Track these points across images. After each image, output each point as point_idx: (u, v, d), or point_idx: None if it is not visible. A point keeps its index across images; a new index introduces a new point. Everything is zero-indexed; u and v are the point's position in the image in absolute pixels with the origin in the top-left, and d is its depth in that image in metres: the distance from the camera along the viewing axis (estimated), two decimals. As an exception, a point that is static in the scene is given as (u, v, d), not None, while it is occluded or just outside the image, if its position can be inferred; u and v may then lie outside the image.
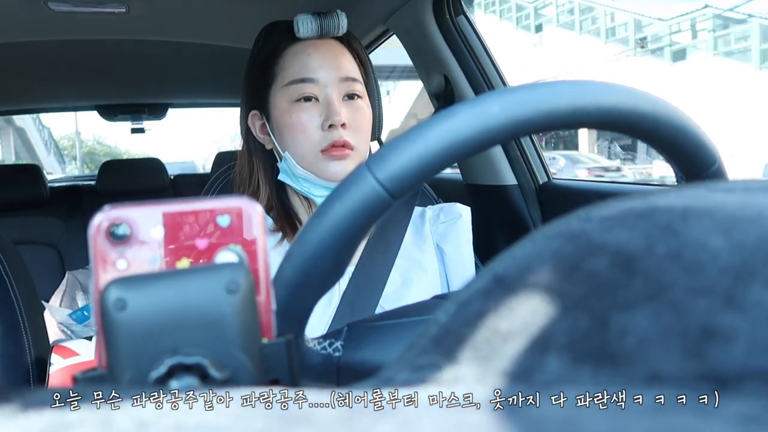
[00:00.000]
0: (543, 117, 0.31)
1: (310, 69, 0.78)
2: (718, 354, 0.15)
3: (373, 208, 0.31)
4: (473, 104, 0.32)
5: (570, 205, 0.25)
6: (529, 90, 0.32)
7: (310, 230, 0.32)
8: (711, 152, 0.36)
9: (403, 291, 0.80)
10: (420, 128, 0.32)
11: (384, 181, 0.31)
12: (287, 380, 0.24)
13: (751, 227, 0.18)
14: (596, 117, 0.32)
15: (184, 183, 2.62)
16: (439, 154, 0.31)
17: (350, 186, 0.32)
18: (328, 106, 0.77)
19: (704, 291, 0.17)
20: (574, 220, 0.22)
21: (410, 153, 0.31)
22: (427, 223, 0.86)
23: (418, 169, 0.31)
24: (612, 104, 0.32)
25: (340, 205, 0.31)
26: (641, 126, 0.34)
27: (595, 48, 14.44)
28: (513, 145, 1.29)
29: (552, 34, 15.59)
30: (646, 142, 0.36)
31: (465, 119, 0.31)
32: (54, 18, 1.37)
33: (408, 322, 0.41)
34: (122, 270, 0.24)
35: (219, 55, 1.78)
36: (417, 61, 1.38)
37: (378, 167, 0.31)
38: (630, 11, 13.80)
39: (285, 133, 0.79)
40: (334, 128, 0.76)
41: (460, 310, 0.21)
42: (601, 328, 0.17)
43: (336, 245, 0.31)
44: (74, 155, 27.06)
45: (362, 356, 0.39)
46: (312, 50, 0.79)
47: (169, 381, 0.21)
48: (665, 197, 0.22)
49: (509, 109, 0.31)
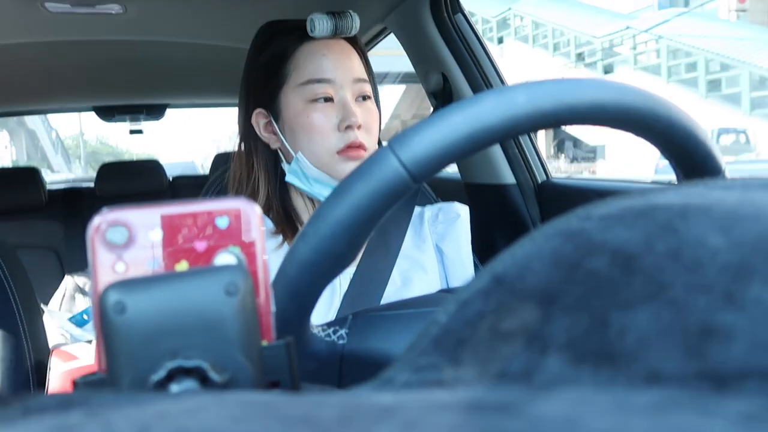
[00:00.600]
0: (566, 110, 0.31)
1: (326, 70, 0.77)
2: (718, 352, 0.15)
3: (394, 189, 0.31)
4: (499, 93, 0.32)
5: (569, 204, 0.25)
6: (555, 84, 0.32)
7: (328, 209, 0.31)
8: (718, 162, 0.37)
9: (403, 291, 0.80)
10: (445, 113, 0.31)
11: (407, 162, 0.31)
12: (287, 382, 0.24)
13: (750, 225, 0.18)
14: (616, 115, 0.33)
15: (182, 185, 2.62)
16: (463, 139, 0.31)
17: (372, 166, 0.31)
18: (344, 107, 0.77)
19: (704, 289, 0.17)
20: (574, 219, 0.22)
21: (435, 136, 0.31)
22: (425, 223, 0.86)
23: (441, 152, 0.31)
24: (632, 105, 0.33)
25: (362, 185, 0.31)
26: (656, 129, 0.34)
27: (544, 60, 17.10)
28: (511, 143, 1.29)
29: (511, 46, 18.31)
30: (658, 145, 0.36)
31: (491, 106, 0.31)
32: (50, 19, 1.36)
33: (412, 313, 0.41)
34: (121, 273, 0.24)
35: (216, 55, 1.78)
36: (415, 59, 1.38)
37: (401, 149, 0.31)
38: (572, 29, 16.48)
39: (300, 133, 0.78)
40: (351, 129, 0.76)
41: (460, 311, 0.21)
42: (600, 327, 0.17)
43: (354, 225, 0.31)
44: (78, 155, 27.61)
45: (366, 345, 0.39)
46: (327, 51, 0.79)
47: (169, 384, 0.21)
48: (664, 195, 0.22)
49: (534, 100, 0.31)
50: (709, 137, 0.36)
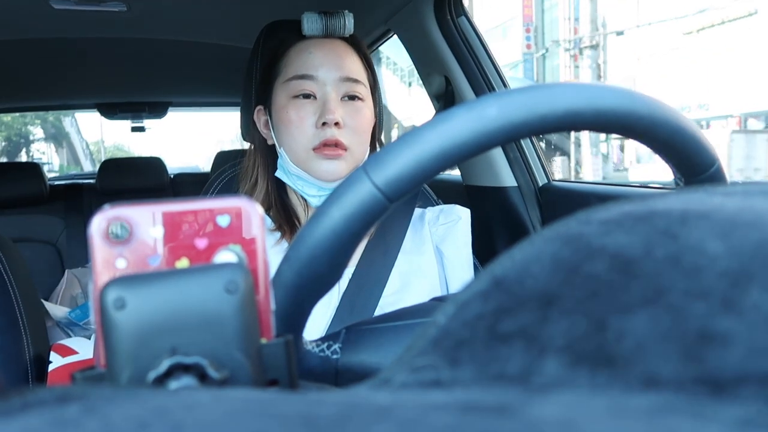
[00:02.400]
0: (539, 119, 0.31)
1: (311, 66, 0.78)
2: (716, 358, 0.15)
3: (370, 211, 0.31)
4: (470, 107, 0.32)
5: (569, 207, 0.25)
6: (526, 92, 0.32)
7: (308, 233, 0.32)
8: (709, 153, 0.36)
9: (402, 293, 0.79)
10: (417, 132, 0.32)
11: (381, 184, 0.31)
12: (286, 381, 0.24)
13: (749, 231, 0.18)
14: (592, 119, 0.32)
15: (184, 182, 2.62)
16: (436, 157, 0.31)
17: (347, 189, 0.32)
18: (324, 104, 0.77)
19: (702, 295, 0.17)
20: (573, 223, 0.22)
21: (407, 156, 0.31)
22: (426, 224, 0.86)
23: (414, 172, 0.31)
24: (608, 106, 0.32)
25: (338, 209, 0.31)
26: (638, 128, 0.34)
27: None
28: (513, 146, 1.29)
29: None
30: (644, 143, 0.36)
31: (462, 122, 0.31)
32: (55, 15, 1.37)
33: (406, 324, 0.41)
34: (121, 269, 0.24)
35: (219, 54, 1.78)
36: (418, 61, 1.38)
37: (375, 171, 0.31)
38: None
39: (281, 128, 0.79)
40: (327, 126, 0.76)
41: (458, 312, 0.21)
42: (599, 331, 0.17)
43: (333, 248, 0.31)
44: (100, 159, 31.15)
45: (360, 359, 0.39)
46: (315, 49, 0.79)
47: (167, 381, 0.21)
48: (664, 201, 0.22)
49: (506, 112, 0.31)
50: (698, 130, 0.35)
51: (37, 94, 2.38)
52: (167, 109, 2.71)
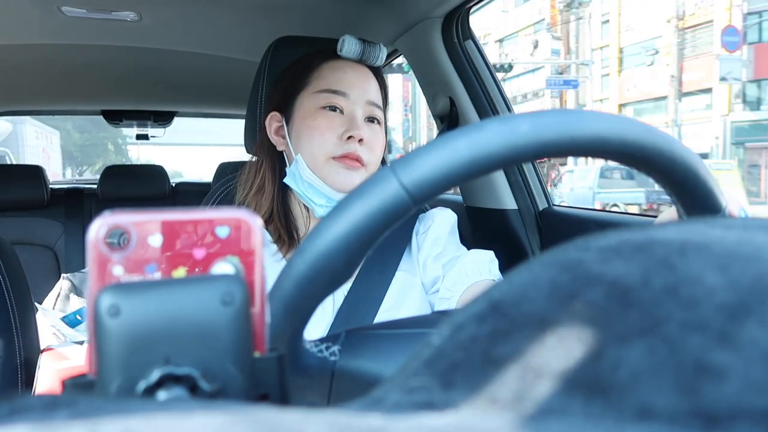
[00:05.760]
0: (568, 142, 0.32)
1: (346, 84, 0.82)
2: (711, 391, 0.15)
3: (393, 210, 0.31)
4: (503, 120, 0.32)
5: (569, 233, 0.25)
6: (558, 114, 0.32)
7: (327, 224, 0.31)
8: (719, 199, 0.37)
9: (396, 309, 0.79)
10: (449, 137, 0.32)
11: (408, 184, 0.31)
12: (277, 395, 0.24)
13: (748, 265, 0.18)
14: (617, 149, 0.33)
15: (184, 191, 2.63)
16: (465, 164, 0.31)
17: (373, 186, 0.31)
18: (351, 120, 0.81)
19: (699, 327, 0.17)
20: (572, 249, 0.22)
21: (437, 160, 0.31)
22: (414, 239, 0.87)
23: (442, 176, 0.31)
24: (634, 139, 0.33)
25: (361, 203, 0.31)
26: (658, 164, 0.34)
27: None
28: (514, 169, 1.29)
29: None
30: (659, 180, 0.36)
31: (494, 134, 0.31)
32: (66, 22, 1.38)
33: (407, 333, 0.41)
34: (118, 276, 0.24)
35: (226, 66, 1.80)
36: (423, 82, 1.39)
37: (403, 171, 0.31)
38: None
39: (303, 134, 0.82)
40: (353, 141, 0.80)
41: (453, 334, 0.21)
42: (594, 359, 0.17)
43: (351, 243, 0.31)
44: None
45: (358, 363, 0.39)
46: (349, 69, 0.84)
47: (158, 391, 0.21)
48: (664, 231, 0.22)
49: (538, 129, 0.31)
50: (710, 174, 0.36)
51: (43, 97, 2.39)
52: (172, 118, 2.72)
